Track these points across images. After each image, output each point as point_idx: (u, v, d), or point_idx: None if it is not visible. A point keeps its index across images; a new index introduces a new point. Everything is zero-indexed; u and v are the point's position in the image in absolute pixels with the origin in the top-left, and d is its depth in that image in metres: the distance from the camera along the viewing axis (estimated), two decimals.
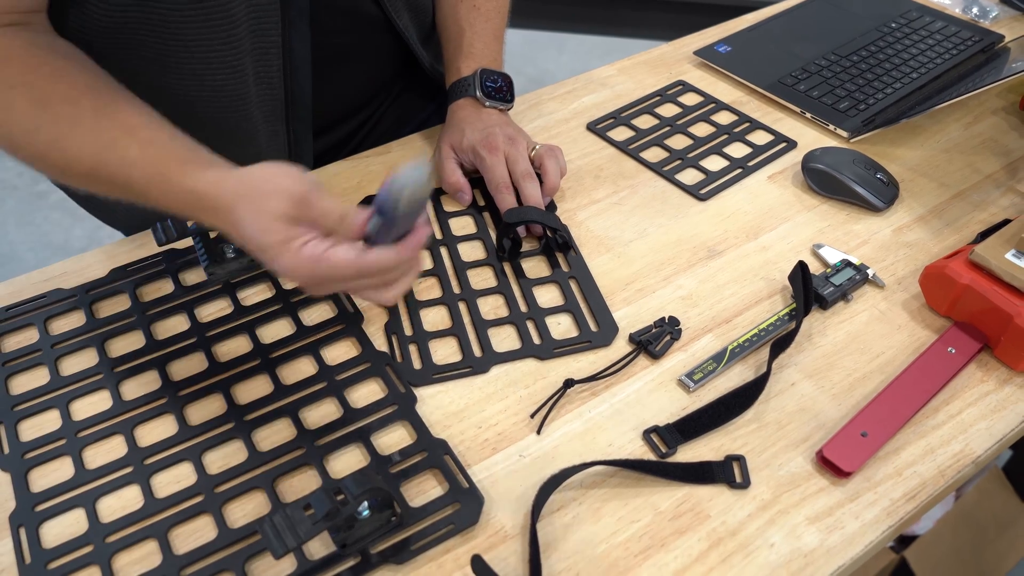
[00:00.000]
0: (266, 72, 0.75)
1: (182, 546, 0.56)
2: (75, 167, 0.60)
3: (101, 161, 0.60)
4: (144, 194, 0.60)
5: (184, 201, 0.59)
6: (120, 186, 0.60)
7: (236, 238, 0.58)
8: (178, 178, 0.58)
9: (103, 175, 0.60)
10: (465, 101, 0.85)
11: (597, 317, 0.72)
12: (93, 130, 0.60)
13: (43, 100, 0.60)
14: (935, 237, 0.81)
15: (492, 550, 0.56)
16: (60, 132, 0.60)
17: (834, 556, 0.57)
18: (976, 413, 0.66)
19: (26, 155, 0.61)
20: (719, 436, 0.63)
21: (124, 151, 0.60)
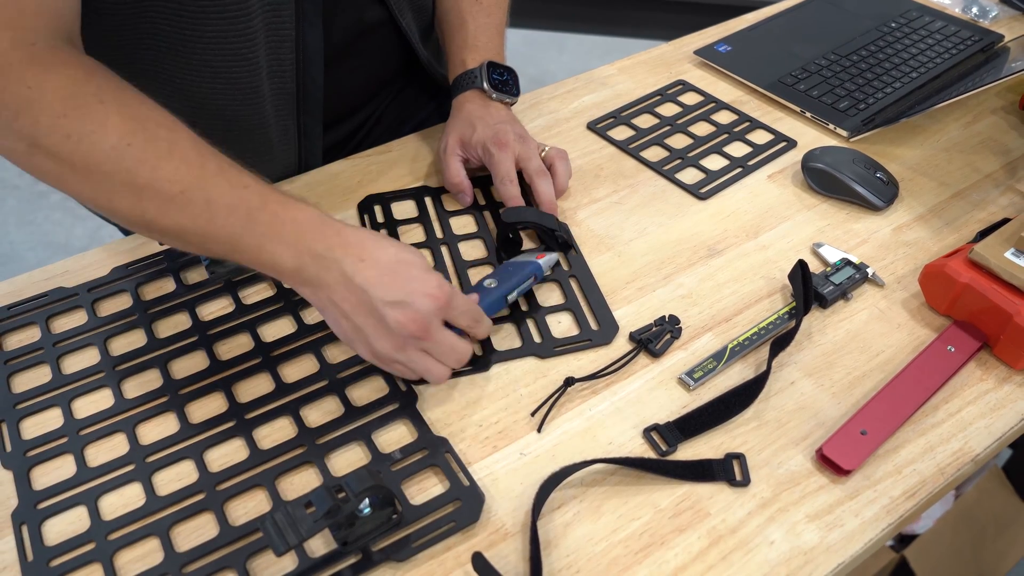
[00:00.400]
0: (279, 66, 0.75)
1: (184, 544, 0.56)
2: (165, 188, 0.57)
3: (203, 182, 0.58)
4: (250, 217, 0.58)
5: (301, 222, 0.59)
6: (218, 209, 0.58)
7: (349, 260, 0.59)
8: (299, 205, 0.60)
9: (197, 195, 0.58)
10: (472, 93, 0.84)
11: (597, 316, 0.72)
12: (198, 155, 0.59)
13: (138, 118, 0.58)
14: (935, 236, 0.81)
15: (493, 548, 0.56)
16: (157, 151, 0.57)
17: (834, 554, 0.57)
18: (975, 411, 0.66)
19: (103, 175, 0.57)
20: (719, 434, 0.64)
21: (237, 176, 0.59)
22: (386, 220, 0.80)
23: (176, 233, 0.59)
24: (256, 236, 0.59)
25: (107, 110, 0.57)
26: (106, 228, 2.13)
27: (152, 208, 0.58)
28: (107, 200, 0.58)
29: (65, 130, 0.56)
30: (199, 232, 0.59)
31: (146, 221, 0.59)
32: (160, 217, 0.58)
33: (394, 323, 0.58)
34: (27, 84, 0.55)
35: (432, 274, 0.61)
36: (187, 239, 0.60)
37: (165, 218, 0.58)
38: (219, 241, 0.59)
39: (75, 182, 0.58)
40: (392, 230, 0.79)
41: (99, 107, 0.57)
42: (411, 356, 0.61)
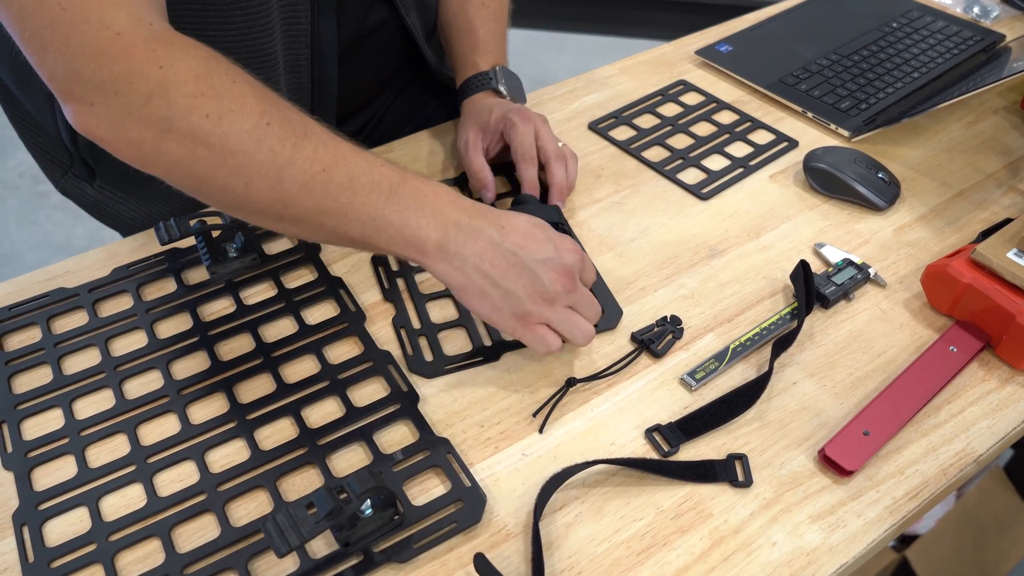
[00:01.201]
0: (295, 60, 0.75)
1: (185, 545, 0.56)
2: (307, 166, 0.56)
3: (343, 160, 0.57)
4: (392, 192, 0.58)
5: (441, 195, 0.60)
6: (360, 185, 0.57)
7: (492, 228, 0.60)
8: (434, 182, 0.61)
9: (340, 172, 0.57)
10: (484, 94, 0.84)
11: (601, 301, 0.72)
12: (329, 136, 0.58)
13: (269, 98, 0.57)
14: (937, 236, 0.81)
15: (495, 549, 0.56)
16: (294, 131, 0.56)
17: (836, 554, 0.57)
18: (978, 412, 0.66)
19: (244, 155, 0.55)
20: (721, 435, 0.63)
21: (372, 156, 0.59)
22: None
23: (314, 215, 0.58)
24: (400, 210, 0.59)
25: (242, 89, 0.55)
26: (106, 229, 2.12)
27: (293, 188, 0.56)
28: (243, 184, 0.56)
29: (203, 110, 0.54)
30: (340, 211, 0.58)
31: (283, 203, 0.57)
32: (300, 197, 0.57)
33: (547, 279, 0.60)
34: (159, 64, 0.53)
35: (565, 236, 0.64)
36: (324, 221, 0.58)
37: (306, 199, 0.57)
38: (359, 220, 0.58)
39: (210, 166, 0.55)
40: None
41: (233, 86, 0.55)
42: (561, 313, 0.62)
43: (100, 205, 0.84)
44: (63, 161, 0.81)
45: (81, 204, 0.85)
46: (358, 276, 0.75)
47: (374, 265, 0.75)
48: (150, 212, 0.83)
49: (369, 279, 0.74)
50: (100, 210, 0.85)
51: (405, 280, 0.74)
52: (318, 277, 0.74)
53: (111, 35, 0.52)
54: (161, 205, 0.82)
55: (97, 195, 0.82)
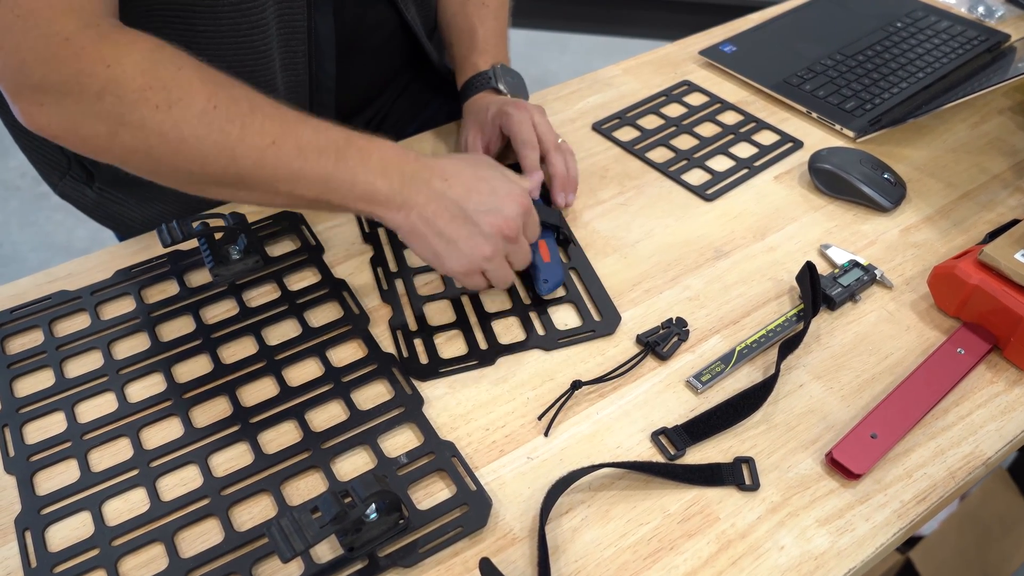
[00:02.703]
0: (291, 57, 0.75)
1: (189, 549, 0.56)
2: (257, 141, 0.59)
3: (290, 130, 0.60)
4: (339, 155, 0.61)
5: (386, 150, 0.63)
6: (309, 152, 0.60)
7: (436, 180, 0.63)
8: (379, 139, 0.64)
9: (288, 143, 0.60)
10: (485, 93, 0.84)
11: (599, 307, 0.72)
12: (275, 108, 0.61)
13: (215, 81, 0.59)
14: (943, 237, 0.80)
15: (500, 553, 0.56)
16: (240, 109, 0.59)
17: (845, 558, 0.56)
18: (986, 414, 0.65)
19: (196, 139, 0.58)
20: (728, 438, 0.63)
21: (317, 122, 0.62)
22: None
23: (269, 184, 0.61)
24: (348, 171, 0.62)
25: (188, 76, 0.58)
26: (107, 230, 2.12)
27: (247, 163, 0.60)
28: (199, 165, 0.59)
29: (153, 102, 0.56)
30: (293, 178, 0.61)
31: (239, 178, 0.60)
32: (255, 171, 0.60)
33: (489, 228, 0.63)
34: (106, 63, 0.55)
35: (512, 183, 0.66)
36: (279, 188, 0.62)
37: (259, 171, 0.60)
38: (312, 181, 0.62)
39: (165, 153, 0.58)
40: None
41: (180, 74, 0.57)
42: (498, 265, 0.66)
43: (100, 207, 0.83)
44: (60, 164, 0.81)
45: (81, 207, 0.84)
46: (361, 278, 0.74)
47: (373, 266, 0.75)
48: (151, 213, 0.83)
49: (372, 282, 0.74)
50: (101, 212, 0.84)
51: (403, 281, 0.74)
52: (321, 279, 0.74)
53: (60, 40, 0.54)
54: (162, 205, 0.82)
55: (97, 197, 0.82)
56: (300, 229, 0.78)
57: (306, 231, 0.78)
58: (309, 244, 0.77)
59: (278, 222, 0.79)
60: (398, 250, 0.76)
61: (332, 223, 0.79)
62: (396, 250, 0.76)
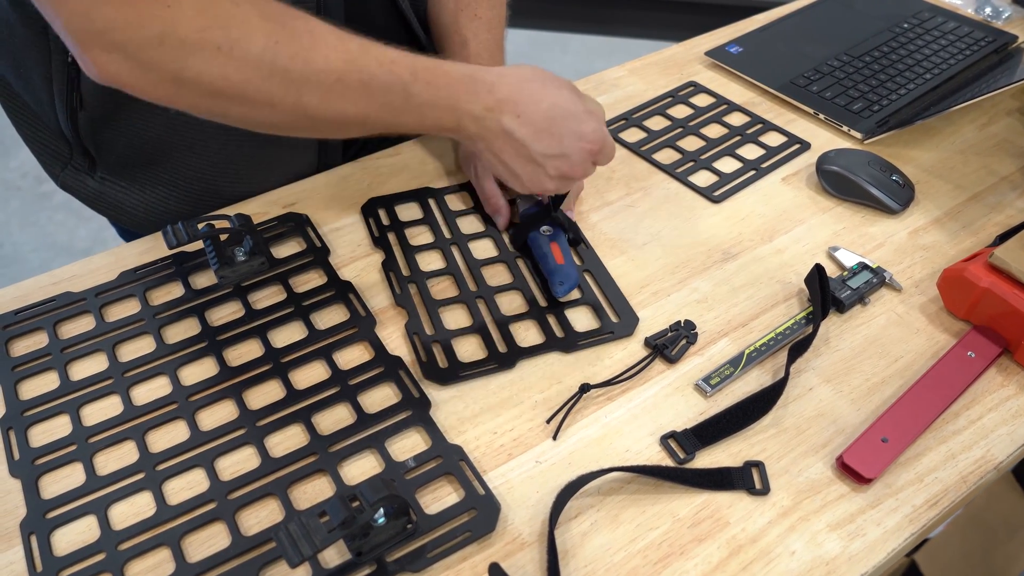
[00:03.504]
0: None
1: (195, 554, 0.55)
2: (322, 77, 0.59)
3: (354, 66, 0.60)
4: (405, 91, 0.62)
5: (454, 84, 0.64)
6: (374, 89, 0.61)
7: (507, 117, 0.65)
8: (448, 66, 0.64)
9: (353, 80, 0.60)
10: None
11: (616, 308, 0.71)
12: (338, 39, 0.60)
13: (274, 16, 0.58)
14: (952, 240, 0.80)
15: (509, 558, 0.56)
16: (302, 44, 0.58)
17: (856, 564, 0.56)
18: (997, 418, 0.65)
19: (260, 79, 0.58)
20: (737, 442, 0.63)
21: (380, 53, 0.62)
22: (391, 223, 0.79)
23: (338, 120, 0.62)
24: (415, 108, 0.63)
25: (245, 13, 0.57)
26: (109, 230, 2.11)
27: (313, 101, 0.60)
28: (267, 104, 0.59)
29: (214, 43, 0.56)
30: (359, 116, 0.62)
31: (308, 115, 0.61)
32: (322, 107, 0.61)
33: (554, 170, 0.67)
34: (166, 3, 0.54)
35: (585, 122, 0.68)
36: (347, 123, 0.63)
37: (326, 108, 0.61)
38: (380, 119, 0.63)
39: (231, 97, 0.58)
40: (399, 232, 0.78)
41: (237, 11, 0.56)
42: (558, 186, 0.70)
43: (101, 197, 0.82)
44: (63, 154, 0.80)
45: (81, 197, 0.84)
46: (368, 280, 0.74)
47: (384, 271, 0.74)
48: (152, 201, 0.82)
49: (379, 283, 0.74)
50: (102, 202, 0.83)
51: (417, 286, 0.73)
52: (327, 281, 0.73)
53: None
54: (164, 192, 0.81)
55: (98, 186, 0.81)
56: (306, 230, 0.78)
57: (312, 232, 0.78)
58: (315, 245, 0.77)
59: (283, 223, 0.78)
60: (410, 255, 0.76)
61: (338, 224, 0.79)
62: (408, 254, 0.76)
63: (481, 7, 0.84)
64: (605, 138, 0.69)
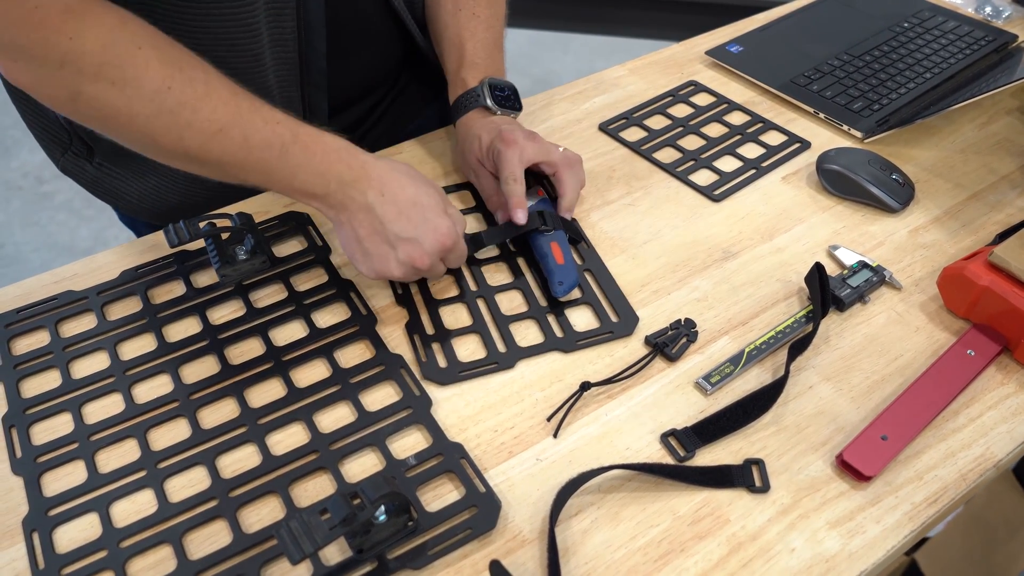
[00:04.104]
0: (280, 34, 0.74)
1: (197, 551, 0.55)
2: (205, 126, 0.62)
3: (239, 120, 0.63)
4: (283, 151, 0.65)
5: (330, 153, 0.66)
6: (254, 144, 0.64)
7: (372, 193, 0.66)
8: (328, 136, 0.67)
9: (235, 132, 0.63)
10: (475, 113, 0.82)
11: (616, 308, 0.72)
12: (232, 94, 0.64)
13: (175, 62, 0.61)
14: (952, 238, 0.80)
15: (510, 555, 0.56)
16: (195, 93, 0.62)
17: (856, 561, 0.56)
18: (996, 416, 0.65)
19: (145, 118, 0.61)
20: (737, 439, 0.63)
21: (268, 113, 0.65)
22: None
23: (216, 164, 0.65)
24: (289, 167, 0.65)
25: (146, 56, 0.60)
26: (110, 229, 2.12)
27: (194, 144, 0.63)
28: (151, 139, 0.63)
29: (109, 77, 0.59)
30: (237, 164, 0.65)
31: (189, 155, 0.64)
32: (201, 152, 0.64)
33: (404, 256, 0.67)
34: (68, 35, 0.57)
35: (444, 218, 0.68)
36: (225, 170, 0.66)
37: (206, 153, 0.64)
38: (255, 172, 0.66)
39: (118, 126, 0.62)
40: None
41: (138, 53, 0.60)
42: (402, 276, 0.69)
43: (98, 182, 0.85)
44: (63, 140, 0.83)
45: (81, 182, 0.86)
46: (368, 279, 0.74)
47: None
48: (146, 188, 0.84)
49: (380, 283, 0.74)
50: (99, 187, 0.86)
51: (419, 286, 0.73)
52: (328, 280, 0.73)
53: (30, 7, 0.56)
54: (156, 179, 0.83)
55: (96, 172, 0.84)
56: (307, 230, 0.78)
57: (313, 232, 0.78)
58: (316, 244, 0.77)
59: (285, 223, 0.78)
60: None
61: None
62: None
63: (480, 5, 0.84)
64: (459, 240, 0.69)
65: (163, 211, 0.85)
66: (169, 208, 0.85)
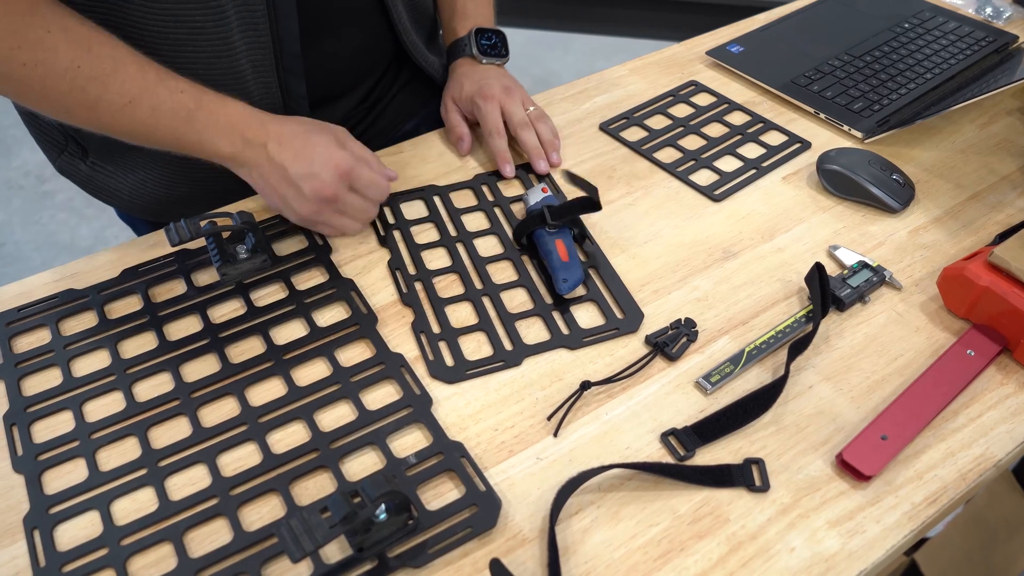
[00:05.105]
0: (251, 17, 0.74)
1: (198, 549, 0.55)
2: (115, 100, 0.67)
3: (147, 92, 0.68)
4: (189, 117, 0.69)
5: (232, 116, 0.71)
6: (162, 113, 0.68)
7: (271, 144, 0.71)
8: (230, 101, 0.71)
9: (144, 104, 0.68)
10: (463, 60, 0.90)
11: (621, 304, 0.72)
12: (139, 69, 0.68)
13: (83, 42, 0.65)
14: (952, 239, 0.80)
15: (510, 554, 0.56)
16: (103, 70, 0.66)
17: (855, 560, 0.56)
18: (996, 416, 0.65)
19: (59, 94, 0.65)
20: (737, 439, 0.63)
21: (174, 83, 0.69)
22: (397, 220, 0.80)
23: (127, 133, 0.70)
24: (196, 132, 0.70)
25: (55, 39, 0.64)
26: (111, 228, 2.13)
27: (106, 117, 0.68)
28: (64, 112, 0.68)
29: (20, 59, 0.63)
30: (147, 133, 0.70)
31: (101, 126, 0.69)
32: (113, 123, 0.69)
33: (309, 191, 0.71)
34: None
35: (339, 150, 0.73)
36: (137, 138, 0.71)
37: (117, 124, 0.69)
38: (166, 138, 0.70)
39: (33, 100, 0.67)
40: (405, 230, 0.79)
41: (47, 37, 0.64)
42: (328, 217, 0.73)
43: (92, 180, 0.87)
44: (59, 142, 0.86)
45: (76, 181, 0.88)
46: (369, 278, 0.74)
47: (391, 269, 0.74)
48: (134, 183, 0.85)
49: (380, 281, 0.74)
50: (93, 185, 0.88)
51: (423, 284, 0.73)
52: (329, 279, 0.74)
53: None
54: (142, 173, 0.84)
55: (89, 171, 0.86)
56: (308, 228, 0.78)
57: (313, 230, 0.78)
58: (316, 243, 0.77)
59: (285, 221, 0.78)
60: (415, 253, 0.76)
61: None
62: (413, 253, 0.76)
63: None
64: (358, 166, 0.73)
65: (151, 204, 0.87)
66: (156, 201, 0.86)
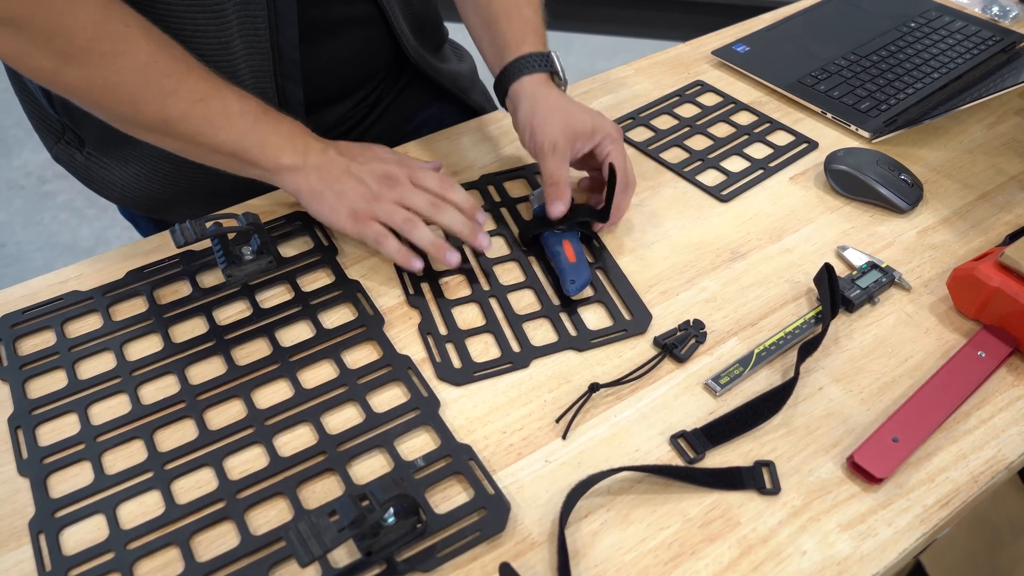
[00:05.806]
0: (251, 22, 0.74)
1: (204, 553, 0.55)
2: (189, 95, 0.68)
3: (217, 92, 0.69)
4: (257, 120, 0.71)
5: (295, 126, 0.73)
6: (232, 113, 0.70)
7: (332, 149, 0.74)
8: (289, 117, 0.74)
9: (216, 103, 0.69)
10: (542, 76, 0.80)
11: (629, 305, 0.71)
12: (207, 72, 0.70)
13: (159, 41, 0.67)
14: (961, 239, 0.80)
15: (520, 557, 0.55)
16: (178, 67, 0.67)
17: (868, 564, 0.56)
18: (1008, 418, 0.65)
19: (134, 85, 0.66)
20: (747, 441, 0.62)
21: (242, 91, 0.71)
22: None
23: (193, 133, 0.70)
24: (261, 133, 0.71)
25: (134, 33, 0.65)
26: (112, 229, 2.12)
27: (176, 112, 0.68)
28: (133, 109, 0.67)
29: (99, 49, 0.64)
30: (213, 130, 0.70)
31: (167, 124, 0.69)
32: (182, 120, 0.68)
33: (369, 177, 0.73)
34: (59, 10, 0.61)
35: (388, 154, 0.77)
36: (200, 139, 0.70)
37: (186, 120, 0.69)
38: (229, 136, 0.70)
39: (105, 93, 0.66)
40: None
41: (126, 30, 0.65)
42: (387, 207, 0.72)
43: (87, 171, 0.87)
44: (56, 130, 0.86)
45: (71, 170, 0.89)
46: (376, 279, 0.74)
47: (398, 270, 0.74)
48: (128, 177, 0.85)
49: (387, 283, 0.73)
50: (88, 176, 0.88)
51: (430, 285, 0.73)
52: (335, 280, 0.73)
53: None
54: (137, 167, 0.84)
55: (85, 161, 0.86)
56: (313, 229, 0.78)
57: (319, 231, 0.78)
58: (322, 245, 0.76)
59: (291, 222, 0.78)
60: (422, 254, 0.76)
61: None
62: (420, 255, 0.75)
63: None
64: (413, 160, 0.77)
65: (143, 199, 0.87)
66: (149, 197, 0.86)
